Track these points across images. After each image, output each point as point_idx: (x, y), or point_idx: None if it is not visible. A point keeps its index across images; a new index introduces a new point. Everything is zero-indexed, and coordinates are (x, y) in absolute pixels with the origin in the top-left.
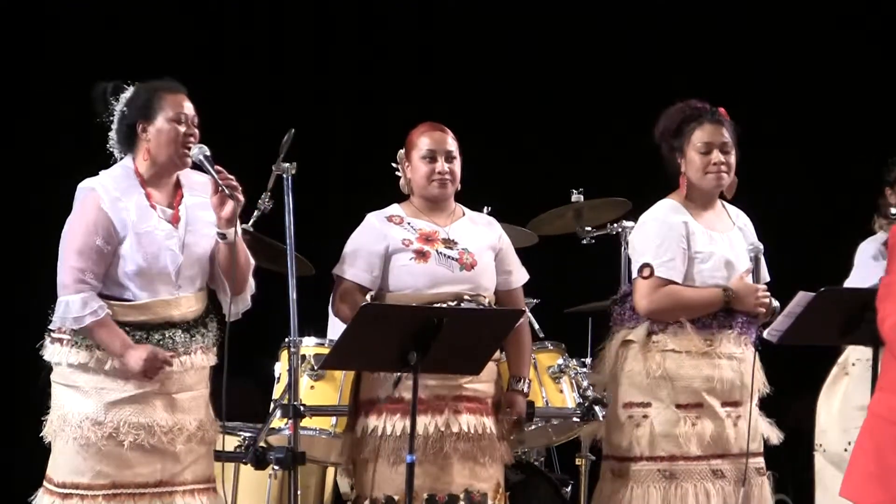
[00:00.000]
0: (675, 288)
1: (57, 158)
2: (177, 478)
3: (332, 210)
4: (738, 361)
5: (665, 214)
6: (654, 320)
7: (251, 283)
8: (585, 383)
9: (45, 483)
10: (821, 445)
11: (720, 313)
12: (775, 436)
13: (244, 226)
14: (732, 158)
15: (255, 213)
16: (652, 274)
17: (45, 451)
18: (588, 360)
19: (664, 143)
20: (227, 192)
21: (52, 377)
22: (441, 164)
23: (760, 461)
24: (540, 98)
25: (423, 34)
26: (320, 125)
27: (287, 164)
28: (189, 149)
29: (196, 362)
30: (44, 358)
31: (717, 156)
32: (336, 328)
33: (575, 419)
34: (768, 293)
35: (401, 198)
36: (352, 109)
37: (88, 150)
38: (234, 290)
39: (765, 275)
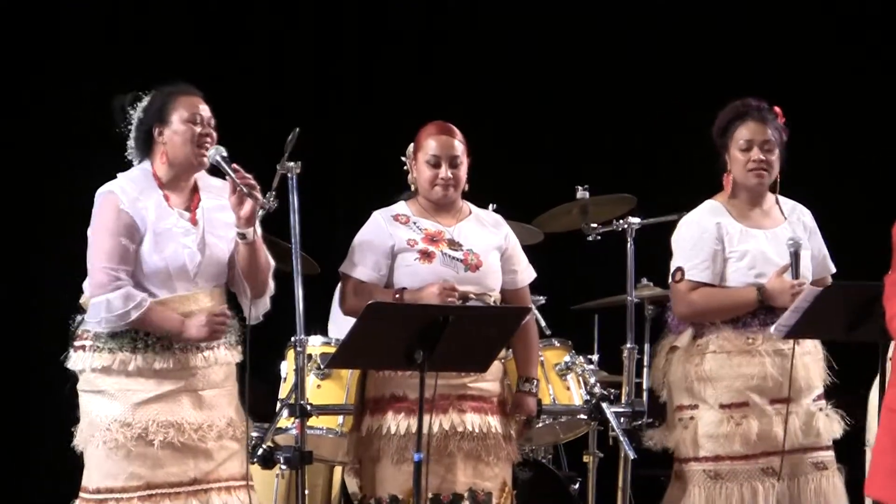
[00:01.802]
0: (707, 290)
1: (71, 166)
2: (211, 475)
3: (338, 208)
4: (784, 357)
5: (700, 217)
6: (693, 324)
7: (271, 285)
8: (592, 380)
9: (80, 494)
10: (870, 441)
11: (760, 311)
12: (838, 429)
13: None
14: (774, 157)
15: (260, 212)
16: (683, 277)
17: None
18: (595, 357)
19: (717, 140)
20: (245, 191)
21: (78, 386)
22: (444, 171)
23: (820, 455)
24: (545, 94)
25: (429, 31)
26: (325, 123)
27: (292, 164)
28: (206, 149)
29: (220, 357)
30: (68, 368)
31: (756, 153)
32: (336, 327)
33: (582, 416)
34: (805, 287)
35: (407, 195)
36: (357, 107)
37: (102, 158)
38: (255, 292)
39: (808, 269)
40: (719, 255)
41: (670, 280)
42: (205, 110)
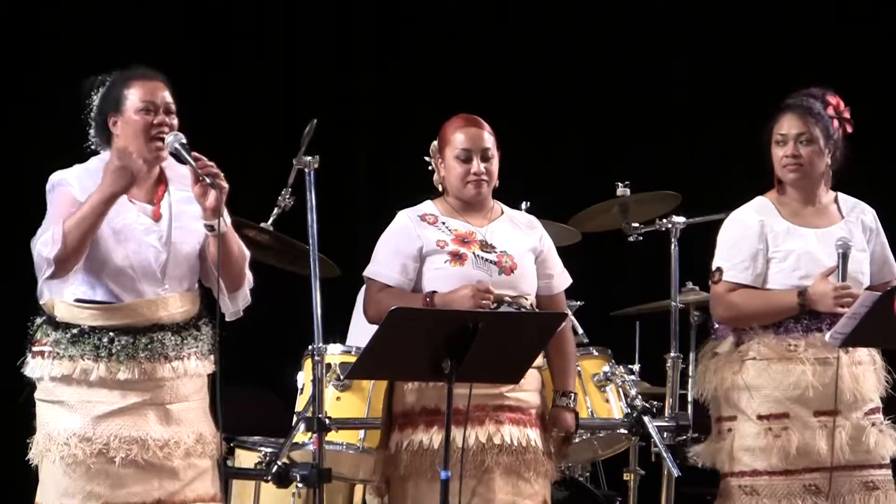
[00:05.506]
0: (747, 292)
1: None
2: (177, 496)
3: (359, 207)
4: (829, 366)
5: (744, 214)
6: (735, 329)
7: (249, 276)
8: (633, 392)
9: None
10: None
11: (804, 316)
12: (893, 446)
13: (264, 224)
14: (811, 150)
15: (276, 210)
16: (721, 278)
17: (31, 476)
18: (636, 367)
19: (765, 136)
20: (206, 180)
21: (36, 395)
22: (476, 165)
23: (871, 474)
24: (581, 83)
25: (459, 24)
26: (344, 116)
27: (309, 158)
28: (160, 139)
29: (190, 369)
30: (25, 375)
31: (790, 148)
32: (357, 334)
33: (622, 431)
34: (850, 291)
35: (434, 193)
36: (379, 99)
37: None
38: (228, 285)
39: (862, 273)
40: (761, 254)
41: (710, 281)
42: (162, 96)
